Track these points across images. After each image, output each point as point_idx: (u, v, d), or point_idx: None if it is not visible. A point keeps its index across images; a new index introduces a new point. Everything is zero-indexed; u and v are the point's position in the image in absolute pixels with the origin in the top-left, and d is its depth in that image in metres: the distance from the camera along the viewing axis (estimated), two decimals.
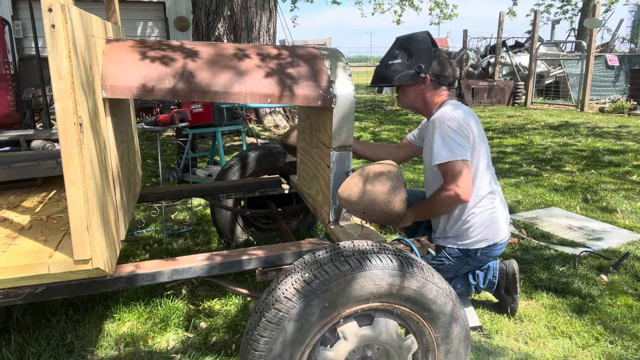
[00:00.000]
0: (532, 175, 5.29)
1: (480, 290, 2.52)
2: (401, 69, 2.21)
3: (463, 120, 2.14)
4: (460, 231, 2.28)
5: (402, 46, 2.22)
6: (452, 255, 2.31)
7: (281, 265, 1.93)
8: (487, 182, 2.27)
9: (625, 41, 21.11)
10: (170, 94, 1.79)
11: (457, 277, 2.45)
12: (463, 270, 2.39)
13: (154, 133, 7.10)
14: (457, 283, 2.46)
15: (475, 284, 2.46)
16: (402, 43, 2.23)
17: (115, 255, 1.77)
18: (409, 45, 2.21)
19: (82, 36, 1.51)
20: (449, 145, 2.09)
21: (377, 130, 8.60)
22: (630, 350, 2.19)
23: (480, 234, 2.27)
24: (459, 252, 2.30)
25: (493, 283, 2.45)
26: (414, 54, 2.19)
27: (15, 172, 2.52)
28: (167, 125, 4.11)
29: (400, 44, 2.24)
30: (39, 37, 5.10)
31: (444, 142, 2.10)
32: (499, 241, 2.30)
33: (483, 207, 2.25)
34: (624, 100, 11.23)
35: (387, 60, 2.25)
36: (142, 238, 3.50)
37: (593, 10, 11.27)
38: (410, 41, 2.22)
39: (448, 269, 2.34)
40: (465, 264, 2.34)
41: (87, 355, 2.16)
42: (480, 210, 2.25)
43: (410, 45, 2.21)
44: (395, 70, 2.22)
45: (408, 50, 2.20)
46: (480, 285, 2.46)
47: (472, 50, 15.04)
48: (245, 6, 7.77)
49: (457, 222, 2.28)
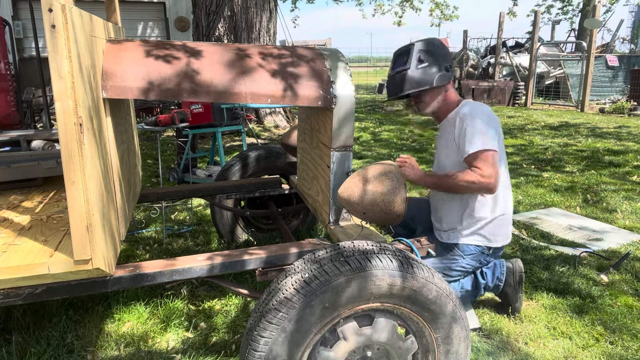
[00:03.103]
0: (533, 175, 5.29)
1: (488, 289, 2.50)
2: (433, 72, 2.20)
3: (493, 116, 2.22)
4: (479, 227, 2.27)
5: (425, 50, 2.22)
6: (467, 253, 2.29)
7: (281, 265, 1.93)
8: (505, 179, 2.29)
9: (625, 42, 21.12)
10: (171, 94, 1.79)
11: (466, 278, 2.44)
12: (470, 270, 2.38)
13: (154, 133, 7.10)
14: (465, 284, 2.43)
15: (484, 283, 2.45)
16: (424, 47, 2.23)
17: (116, 256, 1.77)
18: (431, 49, 2.22)
19: (83, 36, 1.51)
20: (484, 136, 2.11)
21: (378, 131, 8.60)
22: (631, 350, 2.19)
23: (501, 232, 2.30)
24: (475, 250, 2.29)
25: (500, 281, 2.44)
26: (437, 57, 2.21)
27: (16, 172, 2.52)
28: (167, 125, 4.11)
29: (421, 48, 2.22)
30: (39, 37, 5.10)
31: (479, 132, 2.12)
32: (509, 240, 2.34)
33: (501, 201, 2.27)
34: (624, 101, 11.23)
35: (415, 65, 2.21)
36: (142, 238, 3.50)
37: (593, 11, 11.27)
38: (431, 44, 2.24)
39: (461, 267, 2.33)
40: (478, 262, 2.33)
41: (87, 356, 2.16)
42: (501, 204, 2.28)
43: (434, 49, 2.22)
44: (428, 73, 2.20)
45: (431, 53, 2.21)
46: (489, 284, 2.45)
47: (472, 51, 15.03)
48: (245, 6, 7.77)
49: (476, 218, 2.26)
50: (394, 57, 2.34)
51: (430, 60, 2.20)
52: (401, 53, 2.27)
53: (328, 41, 19.49)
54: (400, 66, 2.23)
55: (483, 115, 2.18)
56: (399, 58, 2.27)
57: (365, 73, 24.65)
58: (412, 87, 2.21)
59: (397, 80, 2.23)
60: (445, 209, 2.34)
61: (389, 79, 2.32)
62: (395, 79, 2.26)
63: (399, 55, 2.28)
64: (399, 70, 2.23)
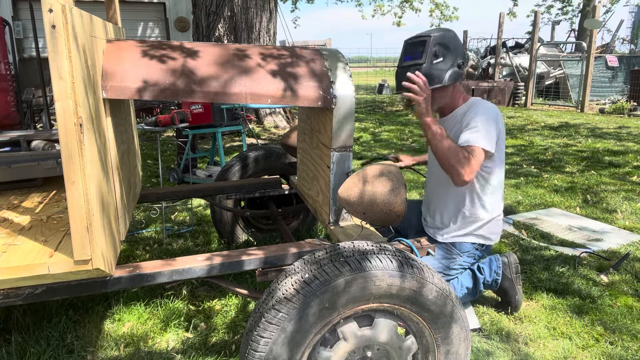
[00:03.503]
0: (532, 176, 5.29)
1: (487, 285, 2.50)
2: (447, 68, 2.15)
3: (498, 113, 2.20)
4: (478, 227, 2.29)
5: (442, 44, 2.14)
6: (464, 251, 2.31)
7: (281, 265, 1.93)
8: (502, 176, 2.31)
9: (625, 42, 21.12)
10: (171, 95, 1.79)
11: (464, 275, 2.44)
12: (467, 267, 2.40)
13: (154, 133, 7.10)
14: (465, 281, 2.44)
15: (483, 278, 2.45)
16: (441, 40, 2.14)
17: (116, 256, 1.77)
18: (448, 42, 2.15)
19: (83, 36, 1.51)
20: (485, 131, 2.10)
21: (377, 131, 8.60)
22: (631, 351, 2.19)
23: (496, 231, 2.33)
24: (471, 247, 2.30)
25: (498, 275, 2.44)
26: (453, 51, 2.15)
27: (16, 172, 2.52)
28: (167, 125, 4.11)
29: (439, 41, 2.14)
30: (39, 37, 5.11)
31: (481, 126, 2.10)
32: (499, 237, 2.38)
33: (498, 201, 2.28)
34: (624, 101, 11.23)
35: (431, 60, 2.13)
36: (142, 238, 3.50)
37: (593, 11, 11.27)
38: (448, 37, 2.16)
39: (458, 266, 2.34)
40: (473, 258, 2.35)
41: (87, 356, 2.16)
42: (498, 204, 2.30)
43: (450, 42, 2.15)
44: (443, 70, 2.14)
45: (448, 47, 2.14)
46: (487, 278, 2.45)
47: (472, 51, 15.02)
48: (245, 7, 7.78)
49: (474, 218, 2.28)
50: (406, 45, 2.24)
51: (445, 55, 2.13)
52: (416, 43, 2.17)
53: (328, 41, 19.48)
54: (415, 58, 2.16)
55: (491, 111, 2.17)
56: (414, 48, 2.17)
57: (365, 73, 24.65)
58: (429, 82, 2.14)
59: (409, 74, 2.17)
60: (442, 205, 2.35)
61: (400, 70, 2.22)
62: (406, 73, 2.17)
63: (414, 44, 2.18)
64: (413, 64, 2.15)
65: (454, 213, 2.31)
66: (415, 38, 2.21)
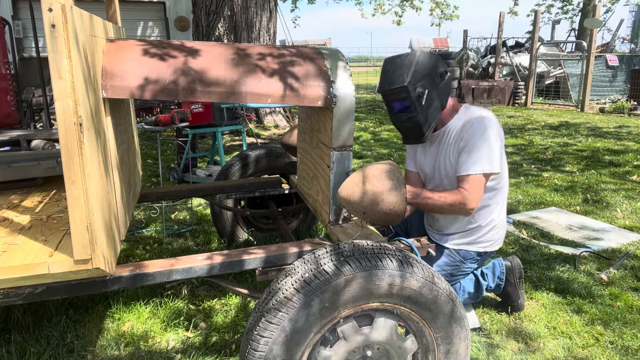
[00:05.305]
0: (533, 175, 5.29)
1: (490, 290, 2.50)
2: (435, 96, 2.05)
3: (495, 122, 2.11)
4: (482, 235, 2.27)
5: (417, 79, 2.01)
6: (467, 258, 2.30)
7: (281, 265, 1.93)
8: (505, 181, 2.27)
9: (625, 41, 21.12)
10: (171, 94, 1.79)
11: (467, 281, 2.43)
12: (470, 272, 2.39)
13: (154, 133, 7.10)
14: (467, 287, 2.43)
15: (486, 284, 2.45)
16: (414, 76, 2.01)
17: (116, 255, 1.77)
18: (419, 69, 2.02)
19: (83, 36, 1.51)
20: (486, 154, 2.03)
21: (377, 131, 8.60)
22: (631, 350, 2.19)
23: (499, 237, 2.32)
24: (474, 254, 2.30)
25: (501, 280, 2.45)
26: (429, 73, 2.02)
27: (16, 172, 2.52)
28: (168, 125, 4.11)
29: (413, 80, 2.00)
30: (39, 37, 5.11)
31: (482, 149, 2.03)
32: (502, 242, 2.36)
33: (501, 207, 2.28)
34: (624, 101, 11.23)
35: (420, 103, 2.02)
36: (142, 238, 3.50)
37: (593, 11, 11.26)
38: (415, 65, 2.02)
39: (461, 272, 2.33)
40: (476, 263, 2.34)
41: (87, 355, 2.16)
42: (501, 209, 2.29)
43: (420, 68, 2.02)
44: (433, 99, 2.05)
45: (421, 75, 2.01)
46: (490, 284, 2.45)
47: (472, 51, 15.02)
48: (245, 6, 7.77)
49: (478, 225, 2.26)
50: (385, 93, 2.10)
51: (425, 84, 2.02)
52: (395, 92, 2.05)
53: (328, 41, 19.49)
54: (404, 110, 2.07)
55: (493, 125, 2.07)
56: (397, 97, 2.06)
57: (365, 73, 24.61)
58: (429, 126, 2.11)
59: (410, 126, 2.11)
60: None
61: (397, 121, 2.14)
62: (407, 126, 2.12)
63: (395, 94, 2.06)
64: (407, 117, 2.08)
65: (456, 217, 2.28)
66: (393, 87, 2.06)
